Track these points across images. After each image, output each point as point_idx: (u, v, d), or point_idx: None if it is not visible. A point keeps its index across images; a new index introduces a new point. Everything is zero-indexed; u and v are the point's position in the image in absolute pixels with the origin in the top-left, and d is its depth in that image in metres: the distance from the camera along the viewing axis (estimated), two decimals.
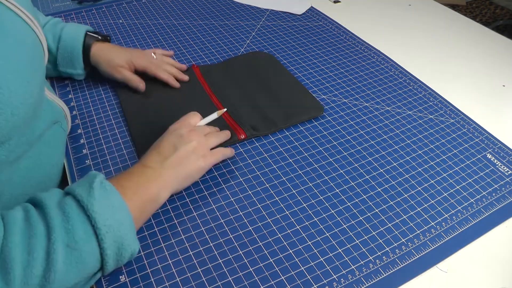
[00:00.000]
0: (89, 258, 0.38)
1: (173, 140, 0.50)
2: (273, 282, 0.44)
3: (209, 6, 0.95)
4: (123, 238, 0.40)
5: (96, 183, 0.40)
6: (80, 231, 0.37)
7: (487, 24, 2.39)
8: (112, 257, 0.40)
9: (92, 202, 0.39)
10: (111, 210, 0.40)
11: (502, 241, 0.50)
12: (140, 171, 0.47)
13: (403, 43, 0.85)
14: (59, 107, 0.54)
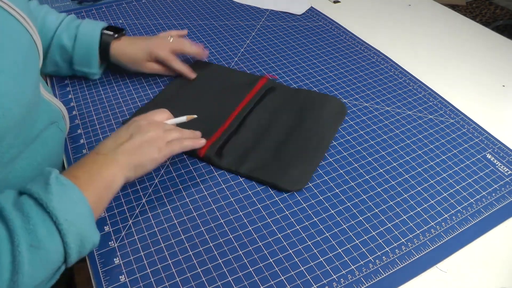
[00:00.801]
0: (53, 254, 0.38)
1: (130, 129, 0.49)
2: (273, 282, 0.44)
3: (209, 6, 0.95)
4: (85, 230, 0.40)
5: (51, 179, 0.39)
6: (42, 229, 0.37)
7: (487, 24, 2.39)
8: (76, 250, 0.39)
9: (51, 198, 0.38)
10: (70, 204, 0.39)
11: (502, 241, 0.50)
12: (92, 159, 0.46)
13: (403, 43, 0.85)
14: (57, 107, 0.54)
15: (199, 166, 0.57)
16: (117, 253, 0.46)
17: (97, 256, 0.46)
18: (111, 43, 0.66)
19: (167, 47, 0.68)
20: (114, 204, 0.51)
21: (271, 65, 0.76)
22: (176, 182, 0.54)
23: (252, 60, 0.77)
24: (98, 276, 0.44)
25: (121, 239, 0.48)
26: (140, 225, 0.49)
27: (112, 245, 0.47)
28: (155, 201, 0.52)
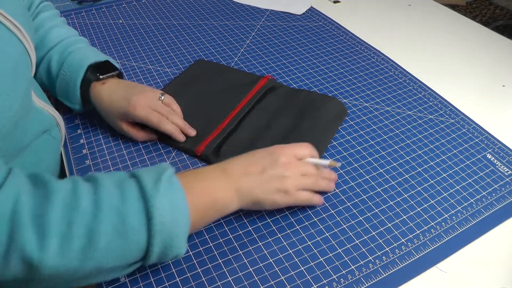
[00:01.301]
0: (134, 248, 0.37)
1: (266, 161, 0.46)
2: (273, 282, 0.44)
3: (209, 6, 0.95)
4: (173, 240, 0.39)
5: (165, 176, 0.39)
6: (134, 219, 0.36)
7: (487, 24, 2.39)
8: (157, 254, 0.39)
9: (155, 195, 0.37)
10: (171, 208, 0.38)
11: (502, 241, 0.50)
12: (216, 176, 0.44)
13: (403, 43, 0.85)
14: (49, 114, 0.51)
15: (199, 166, 0.57)
16: None
17: None
18: (91, 85, 0.57)
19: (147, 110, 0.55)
20: None
21: (271, 65, 0.76)
22: None
23: (252, 60, 0.77)
24: None
25: None
26: None
27: None
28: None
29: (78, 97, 0.58)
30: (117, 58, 0.76)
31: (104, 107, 0.57)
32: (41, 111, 0.49)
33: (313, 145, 0.52)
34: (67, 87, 0.57)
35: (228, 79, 0.70)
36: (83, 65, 0.57)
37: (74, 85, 0.57)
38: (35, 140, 0.48)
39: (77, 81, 0.56)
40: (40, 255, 0.32)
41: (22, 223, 0.32)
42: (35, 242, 0.32)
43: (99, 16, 0.89)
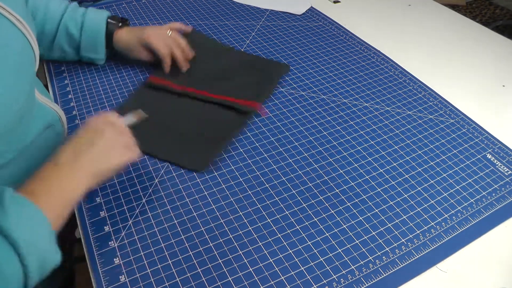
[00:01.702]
0: (12, 278, 0.35)
1: (89, 135, 0.47)
2: (273, 282, 0.44)
3: (209, 6, 0.95)
4: (46, 251, 0.38)
5: (6, 199, 0.37)
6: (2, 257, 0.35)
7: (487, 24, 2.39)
8: (36, 273, 0.37)
9: (8, 220, 0.35)
10: (29, 224, 0.37)
11: (502, 241, 0.50)
12: (51, 171, 0.43)
13: (403, 43, 0.85)
14: (52, 110, 0.52)
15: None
16: (117, 253, 0.46)
17: (97, 256, 0.46)
18: (115, 31, 0.69)
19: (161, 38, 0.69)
20: (114, 204, 0.51)
21: None
22: (176, 182, 0.54)
23: None
24: (98, 276, 0.44)
25: (121, 239, 0.48)
26: (140, 225, 0.49)
27: (112, 245, 0.47)
28: (155, 201, 0.52)
29: (104, 46, 0.69)
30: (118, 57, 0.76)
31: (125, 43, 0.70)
32: (44, 106, 0.50)
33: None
34: (95, 40, 0.68)
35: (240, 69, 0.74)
36: (102, 19, 0.68)
37: (101, 37, 0.68)
38: (39, 135, 0.48)
39: (102, 32, 0.68)
40: None
41: None
42: None
43: None
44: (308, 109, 0.66)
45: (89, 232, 0.48)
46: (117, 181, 0.54)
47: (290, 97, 0.69)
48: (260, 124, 0.63)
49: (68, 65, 0.74)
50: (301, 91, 0.70)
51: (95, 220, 0.50)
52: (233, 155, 0.58)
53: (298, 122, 0.64)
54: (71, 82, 0.70)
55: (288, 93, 0.70)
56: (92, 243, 0.47)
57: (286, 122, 0.64)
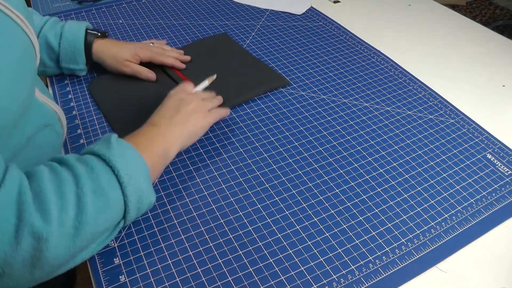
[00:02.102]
0: (114, 203, 0.41)
1: (174, 103, 0.55)
2: (273, 282, 0.44)
3: (209, 6, 0.95)
4: (143, 186, 0.43)
5: (113, 140, 0.43)
6: (104, 179, 0.40)
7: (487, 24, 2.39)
8: (134, 205, 0.43)
9: (113, 154, 0.42)
10: (131, 161, 0.43)
11: (502, 241, 0.50)
12: (150, 130, 0.51)
13: (403, 43, 0.85)
14: (52, 109, 0.53)
15: (199, 166, 0.57)
16: (117, 253, 0.46)
17: (97, 256, 0.46)
18: (94, 41, 0.68)
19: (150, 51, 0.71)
20: None
21: (271, 65, 0.76)
22: (176, 182, 0.54)
23: None
24: (98, 276, 0.44)
25: (121, 239, 0.48)
26: (140, 225, 0.49)
27: (112, 245, 0.47)
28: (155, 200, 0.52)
29: (83, 55, 0.68)
30: None
31: (111, 54, 0.69)
32: (43, 104, 0.51)
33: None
34: (74, 50, 0.67)
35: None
36: (81, 28, 0.67)
37: (80, 45, 0.67)
38: (38, 133, 0.49)
39: (81, 42, 0.67)
40: (47, 228, 0.35)
41: (28, 203, 0.35)
42: (40, 218, 0.36)
43: (99, 16, 0.89)
44: (308, 109, 0.67)
45: None
46: None
47: (290, 97, 0.69)
48: (260, 124, 0.63)
49: None
50: (301, 91, 0.70)
51: None
52: (233, 155, 0.58)
53: (298, 122, 0.64)
54: (71, 83, 0.70)
55: (288, 93, 0.70)
56: None
57: (286, 122, 0.64)
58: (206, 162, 0.57)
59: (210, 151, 0.59)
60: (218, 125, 0.63)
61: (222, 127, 0.63)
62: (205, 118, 0.56)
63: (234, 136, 0.61)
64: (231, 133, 0.62)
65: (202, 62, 0.75)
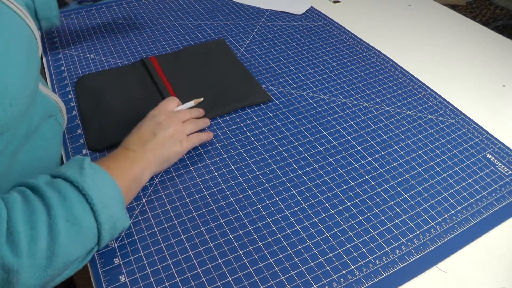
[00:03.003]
0: (88, 232, 0.40)
1: (152, 126, 0.53)
2: (273, 282, 0.44)
3: (209, 6, 0.95)
4: (117, 213, 0.42)
5: (85, 164, 0.42)
6: (77, 208, 0.39)
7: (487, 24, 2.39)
8: (108, 231, 0.42)
9: (86, 181, 0.41)
10: (104, 188, 0.42)
11: (502, 241, 0.50)
12: (124, 154, 0.50)
13: (403, 43, 0.85)
14: (54, 101, 0.54)
15: (199, 166, 0.57)
16: (117, 253, 0.46)
17: (97, 256, 0.46)
18: None
19: None
20: None
21: (271, 65, 0.76)
22: (176, 182, 0.54)
23: (252, 60, 0.77)
24: (98, 276, 0.44)
25: (121, 239, 0.48)
26: (140, 225, 0.49)
27: (112, 245, 0.47)
28: (155, 201, 0.52)
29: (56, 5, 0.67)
30: (117, 58, 0.76)
31: None
32: (45, 96, 0.52)
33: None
34: None
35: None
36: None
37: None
38: (43, 123, 0.50)
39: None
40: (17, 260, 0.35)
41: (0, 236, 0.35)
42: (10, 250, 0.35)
43: (99, 16, 0.89)
44: (308, 109, 0.67)
45: None
46: None
47: (290, 97, 0.69)
48: (260, 124, 0.63)
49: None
50: (301, 91, 0.70)
51: None
52: (233, 155, 0.58)
53: (298, 122, 0.64)
54: (71, 82, 0.70)
55: (288, 93, 0.70)
56: None
57: (286, 122, 0.64)
58: (206, 162, 0.57)
59: (210, 151, 0.59)
60: (218, 125, 0.63)
61: (222, 127, 0.63)
62: (182, 144, 0.55)
63: (234, 136, 0.61)
64: (231, 133, 0.62)
65: (192, 69, 0.73)
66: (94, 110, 0.64)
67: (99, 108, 0.64)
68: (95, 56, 0.77)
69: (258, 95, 0.68)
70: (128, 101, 0.66)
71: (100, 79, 0.70)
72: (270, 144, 0.60)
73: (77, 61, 0.75)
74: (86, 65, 0.74)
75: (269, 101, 0.68)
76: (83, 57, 0.76)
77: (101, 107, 0.64)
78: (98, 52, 0.77)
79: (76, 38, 0.81)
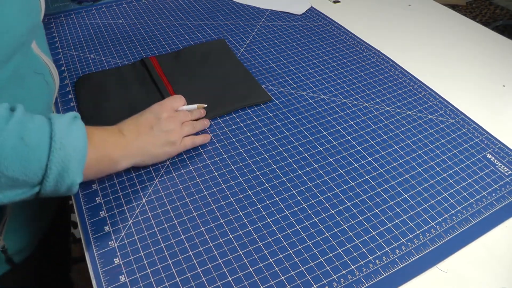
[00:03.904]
0: (34, 161, 0.38)
1: (152, 121, 0.53)
2: (273, 282, 0.44)
3: (209, 6, 0.95)
4: (70, 163, 0.40)
5: (70, 114, 0.42)
6: (37, 134, 0.39)
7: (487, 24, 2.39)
8: (54, 176, 0.39)
9: (59, 120, 0.41)
10: (72, 135, 0.41)
11: (502, 241, 0.50)
12: (114, 132, 0.49)
13: (403, 43, 0.85)
14: (44, 62, 0.53)
15: (199, 166, 0.57)
16: (117, 253, 0.46)
17: (97, 256, 0.46)
18: None
19: None
20: (114, 204, 0.51)
21: (271, 65, 0.76)
22: (176, 182, 0.54)
23: (252, 60, 0.77)
24: (98, 276, 0.44)
25: (121, 239, 0.48)
26: (140, 225, 0.49)
27: (112, 245, 0.47)
28: (155, 201, 0.52)
29: None
30: (117, 58, 0.76)
31: None
32: (37, 57, 0.51)
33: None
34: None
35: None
36: None
37: None
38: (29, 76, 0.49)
39: None
40: None
41: None
42: None
43: (99, 16, 0.89)
44: (308, 109, 0.67)
45: (89, 232, 0.48)
46: (117, 181, 0.54)
47: (290, 97, 0.69)
48: (260, 124, 0.63)
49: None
50: (301, 91, 0.70)
51: (95, 220, 0.50)
52: (233, 155, 0.58)
53: (298, 122, 0.64)
54: (71, 82, 0.70)
55: (288, 93, 0.70)
56: (92, 243, 0.47)
57: (286, 122, 0.64)
58: (206, 162, 0.57)
59: (210, 151, 0.59)
60: (218, 125, 0.63)
61: (222, 127, 0.63)
62: (175, 146, 0.54)
63: (234, 136, 0.61)
64: (231, 133, 0.62)
65: (192, 69, 0.73)
66: (94, 110, 0.64)
67: (99, 108, 0.64)
68: (95, 56, 0.77)
69: (258, 95, 0.68)
70: (128, 101, 0.66)
71: (100, 79, 0.70)
72: (270, 144, 0.60)
73: (77, 61, 0.75)
74: (86, 65, 0.74)
75: (269, 101, 0.68)
76: (83, 57, 0.76)
77: (101, 107, 0.64)
78: (98, 52, 0.77)
79: (76, 38, 0.81)
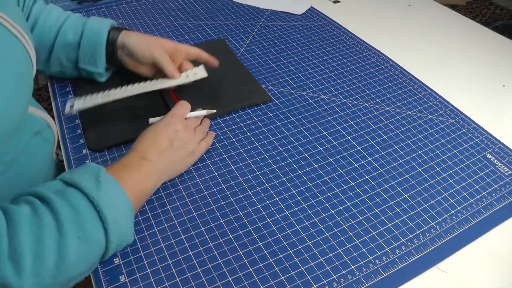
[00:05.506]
0: (96, 249, 0.40)
1: (169, 134, 0.52)
2: (273, 282, 0.44)
3: (209, 6, 0.95)
4: (126, 231, 0.43)
5: (102, 177, 0.41)
6: (90, 225, 0.39)
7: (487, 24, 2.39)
8: (114, 248, 0.42)
9: (102, 198, 0.40)
10: (118, 204, 0.41)
11: (502, 241, 0.50)
12: (138, 164, 0.48)
13: (403, 43, 0.85)
14: (40, 118, 0.52)
15: (199, 166, 0.57)
16: (117, 253, 0.46)
17: None
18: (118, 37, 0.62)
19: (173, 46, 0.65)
20: None
21: (271, 65, 0.76)
22: (176, 183, 0.54)
23: (252, 60, 0.77)
24: (98, 276, 0.44)
25: None
26: (140, 225, 0.49)
27: None
28: (155, 201, 0.52)
29: (104, 56, 0.62)
30: None
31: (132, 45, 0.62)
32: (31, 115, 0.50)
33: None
34: (94, 49, 0.61)
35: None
36: (104, 27, 0.62)
37: (101, 44, 0.61)
38: (28, 142, 0.48)
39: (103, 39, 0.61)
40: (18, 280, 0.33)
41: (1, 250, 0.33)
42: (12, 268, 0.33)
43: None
44: (308, 109, 0.67)
45: None
46: None
47: (290, 97, 0.69)
48: (260, 124, 0.63)
49: None
50: (301, 91, 0.70)
51: None
52: (233, 155, 0.58)
53: (298, 122, 0.64)
54: (71, 83, 0.70)
55: (288, 93, 0.70)
56: None
57: (286, 122, 0.64)
58: (206, 162, 0.57)
59: (210, 151, 0.59)
60: (218, 125, 0.63)
61: (222, 127, 0.63)
62: (194, 155, 0.55)
63: (234, 136, 0.61)
64: (231, 133, 0.62)
65: None
66: (94, 110, 0.64)
67: (99, 108, 0.64)
68: None
69: (258, 95, 0.68)
70: (128, 101, 0.66)
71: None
72: (270, 144, 0.60)
73: None
74: None
75: (269, 101, 0.68)
76: None
77: (101, 107, 0.64)
78: None
79: None
